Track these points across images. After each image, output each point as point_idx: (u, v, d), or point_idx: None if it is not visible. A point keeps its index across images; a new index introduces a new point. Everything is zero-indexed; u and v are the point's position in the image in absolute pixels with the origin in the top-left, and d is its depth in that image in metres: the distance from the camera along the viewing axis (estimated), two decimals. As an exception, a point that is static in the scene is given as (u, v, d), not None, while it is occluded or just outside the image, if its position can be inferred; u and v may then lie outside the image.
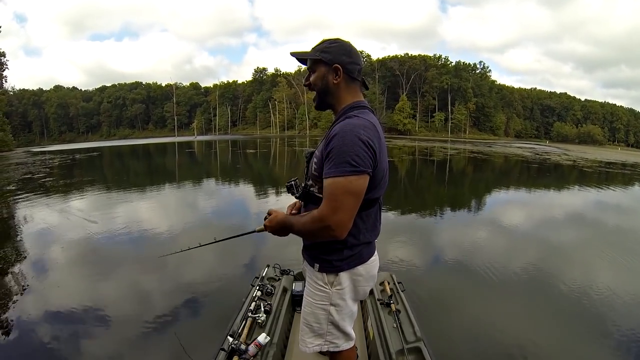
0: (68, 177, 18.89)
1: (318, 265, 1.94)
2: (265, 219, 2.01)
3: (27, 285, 5.34)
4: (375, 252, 2.08)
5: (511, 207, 12.06)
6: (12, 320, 4.40)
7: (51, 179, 17.91)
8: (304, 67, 2.04)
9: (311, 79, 1.92)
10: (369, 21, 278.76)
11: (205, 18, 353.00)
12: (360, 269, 1.96)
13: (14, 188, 14.77)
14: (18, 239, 7.85)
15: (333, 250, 1.88)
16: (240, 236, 2.38)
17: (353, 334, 2.11)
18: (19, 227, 8.65)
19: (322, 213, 1.69)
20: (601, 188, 16.77)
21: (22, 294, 5.06)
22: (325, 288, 1.94)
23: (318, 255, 1.94)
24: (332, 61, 1.84)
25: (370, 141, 1.67)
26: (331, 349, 2.06)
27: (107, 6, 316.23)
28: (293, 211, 2.18)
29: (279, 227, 1.93)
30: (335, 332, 2.03)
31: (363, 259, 1.96)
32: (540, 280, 5.68)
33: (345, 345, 2.08)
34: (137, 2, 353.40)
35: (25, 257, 6.61)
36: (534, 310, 4.81)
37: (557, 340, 4.07)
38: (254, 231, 2.17)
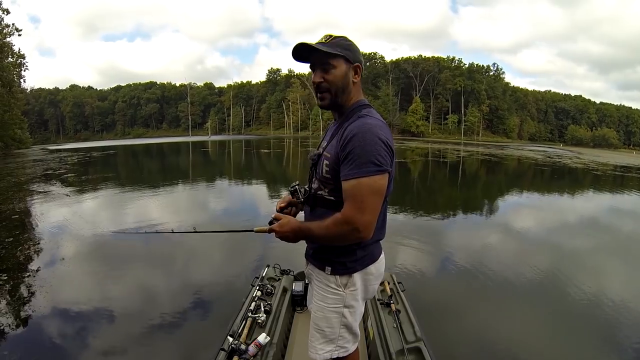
0: (88, 174, 19.35)
1: (330, 268, 1.91)
2: (271, 223, 1.92)
3: (38, 277, 5.47)
4: (382, 251, 2.08)
5: (515, 210, 12.01)
6: (21, 311, 4.56)
7: (73, 174, 18.37)
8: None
9: (328, 76, 1.81)
10: (380, 22, 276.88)
11: (216, 19, 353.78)
12: (372, 267, 1.96)
13: (38, 182, 15.30)
14: (41, 230, 8.08)
15: (346, 252, 1.87)
16: (229, 232, 2.42)
17: (359, 333, 2.11)
18: (42, 220, 8.91)
19: (348, 215, 1.66)
20: (609, 192, 16.71)
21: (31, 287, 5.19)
22: (339, 290, 1.92)
23: (330, 258, 1.91)
24: (354, 60, 1.83)
25: (388, 141, 1.70)
26: (341, 355, 2.02)
27: (119, 7, 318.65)
28: (287, 207, 2.12)
29: (292, 233, 1.83)
30: (347, 336, 2.01)
31: (374, 257, 1.97)
32: (542, 283, 5.65)
33: (352, 348, 2.07)
34: (148, 3, 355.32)
35: (36, 250, 6.81)
36: (536, 312, 4.81)
37: (560, 345, 4.07)
38: (252, 230, 2.04)
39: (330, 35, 1.82)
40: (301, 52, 1.83)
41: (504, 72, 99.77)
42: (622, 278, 6.22)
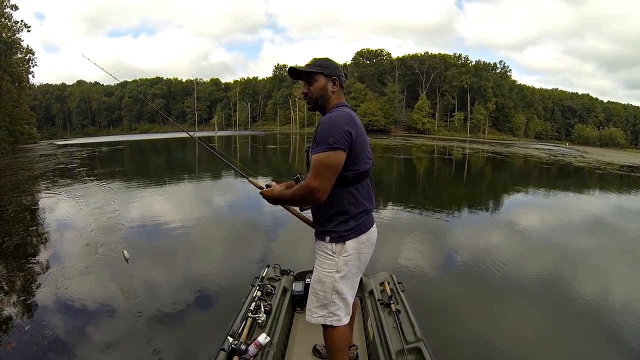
0: (99, 168, 19.66)
1: (329, 237, 2.33)
2: (267, 186, 2.51)
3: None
4: (374, 224, 2.49)
5: (515, 209, 11.93)
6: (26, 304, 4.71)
7: (85, 168, 18.78)
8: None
9: (311, 88, 2.34)
10: (385, 17, 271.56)
11: (220, 15, 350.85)
12: (363, 237, 2.37)
13: (51, 176, 15.75)
14: (56, 221, 8.36)
15: (341, 222, 2.31)
16: (234, 169, 2.95)
17: (351, 305, 2.49)
18: (58, 212, 9.19)
19: (307, 181, 2.18)
20: (610, 191, 16.69)
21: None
22: (334, 257, 2.33)
23: (329, 229, 2.33)
24: (330, 74, 2.34)
25: (345, 125, 2.16)
26: (334, 323, 2.40)
27: (123, 3, 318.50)
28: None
29: (272, 198, 2.41)
30: (338, 302, 2.39)
31: (365, 228, 2.38)
32: (542, 283, 5.66)
33: (345, 319, 2.43)
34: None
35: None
36: (537, 312, 4.81)
37: (561, 345, 4.10)
38: (247, 178, 2.72)
39: (315, 59, 2.42)
40: (294, 72, 2.42)
41: (510, 70, 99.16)
42: (624, 278, 6.22)
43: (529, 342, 4.12)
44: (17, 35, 38.63)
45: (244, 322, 3.04)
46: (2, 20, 36.59)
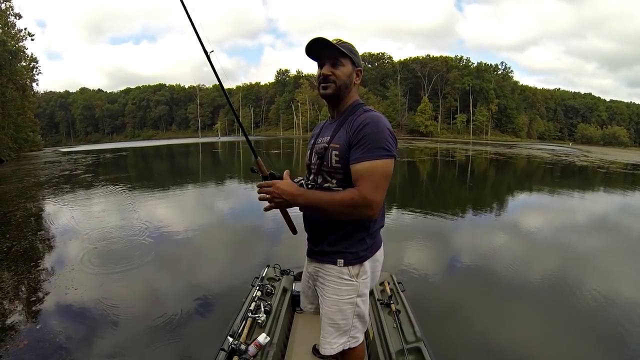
0: (104, 174, 19.67)
1: (342, 260, 2.00)
2: (272, 175, 2.09)
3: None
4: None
5: (516, 210, 11.81)
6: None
7: (90, 175, 18.94)
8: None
9: (337, 71, 1.96)
10: (385, 20, 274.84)
11: (221, 20, 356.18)
12: (377, 254, 2.12)
13: (57, 182, 15.94)
14: (60, 228, 8.33)
15: (358, 242, 2.00)
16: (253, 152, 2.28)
17: (368, 319, 2.21)
18: (62, 219, 9.15)
19: (365, 193, 1.78)
20: (611, 190, 16.59)
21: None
22: (352, 281, 2.02)
23: (342, 249, 2.00)
24: (358, 65, 2.03)
25: (392, 131, 1.88)
26: (352, 345, 2.12)
27: (123, 10, 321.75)
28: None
29: (291, 196, 1.88)
30: (358, 325, 2.11)
31: (379, 244, 2.13)
32: (543, 284, 5.60)
33: (361, 337, 2.18)
34: (153, 5, 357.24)
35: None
36: (537, 313, 4.76)
37: (562, 346, 4.06)
38: (257, 157, 2.19)
39: (340, 40, 1.99)
40: (315, 46, 1.98)
41: (512, 71, 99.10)
42: (630, 280, 6.10)
43: (529, 342, 4.11)
44: (20, 43, 38.92)
45: (244, 322, 3.02)
46: (6, 28, 36.81)
